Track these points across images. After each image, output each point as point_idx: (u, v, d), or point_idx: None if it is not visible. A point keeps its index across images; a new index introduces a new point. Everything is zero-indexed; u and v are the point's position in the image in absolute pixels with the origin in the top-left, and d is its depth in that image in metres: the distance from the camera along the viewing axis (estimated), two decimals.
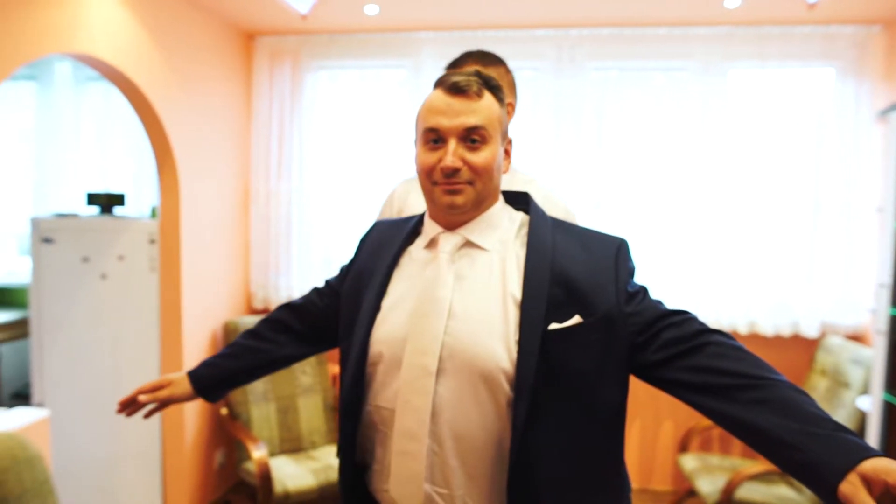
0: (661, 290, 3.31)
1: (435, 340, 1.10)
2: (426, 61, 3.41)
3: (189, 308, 3.03)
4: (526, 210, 1.24)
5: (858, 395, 2.76)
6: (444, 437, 1.09)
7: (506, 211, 1.23)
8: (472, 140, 1.14)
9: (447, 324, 1.11)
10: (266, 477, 2.74)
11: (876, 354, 2.62)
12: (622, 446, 1.19)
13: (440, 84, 1.17)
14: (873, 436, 2.59)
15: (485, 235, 1.18)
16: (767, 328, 3.26)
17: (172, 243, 2.97)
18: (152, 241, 2.98)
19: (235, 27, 3.44)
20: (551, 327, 1.07)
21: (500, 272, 1.15)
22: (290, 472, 2.91)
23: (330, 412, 3.31)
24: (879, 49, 3.13)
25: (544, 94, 3.37)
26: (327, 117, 3.59)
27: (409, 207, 1.80)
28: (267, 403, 3.18)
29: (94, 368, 3.02)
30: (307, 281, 3.59)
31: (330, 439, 3.27)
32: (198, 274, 3.10)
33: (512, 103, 1.83)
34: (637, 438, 3.49)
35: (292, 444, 3.18)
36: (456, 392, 1.09)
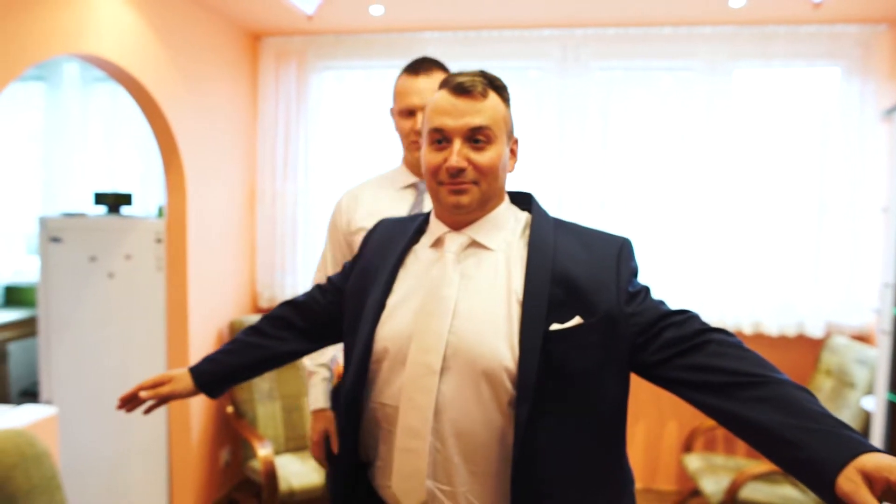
0: (667, 290, 3.31)
1: (439, 339, 1.11)
2: None
3: (195, 307, 3.05)
4: (530, 210, 1.24)
5: (863, 396, 2.76)
6: (447, 435, 1.10)
7: (511, 211, 1.23)
8: (477, 140, 1.15)
9: (452, 323, 1.11)
10: (271, 475, 2.76)
11: (881, 354, 2.61)
12: (624, 442, 1.19)
13: (445, 85, 1.18)
14: (878, 436, 2.59)
15: (490, 235, 1.19)
16: (772, 328, 3.26)
17: (179, 243, 2.99)
18: (159, 241, 3.00)
19: (242, 28, 3.46)
20: (552, 327, 1.08)
21: (506, 272, 1.15)
22: (296, 470, 2.93)
23: None
24: (885, 48, 3.12)
25: (549, 94, 3.38)
26: (333, 118, 3.61)
27: (358, 220, 1.81)
28: (272, 402, 3.19)
29: (102, 367, 3.04)
30: (312, 280, 3.61)
31: None
32: (204, 273, 3.12)
33: None
34: (641, 438, 3.49)
35: (297, 443, 3.20)
36: (459, 390, 1.10)
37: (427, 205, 1.80)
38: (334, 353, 1.91)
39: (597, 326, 1.09)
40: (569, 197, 3.36)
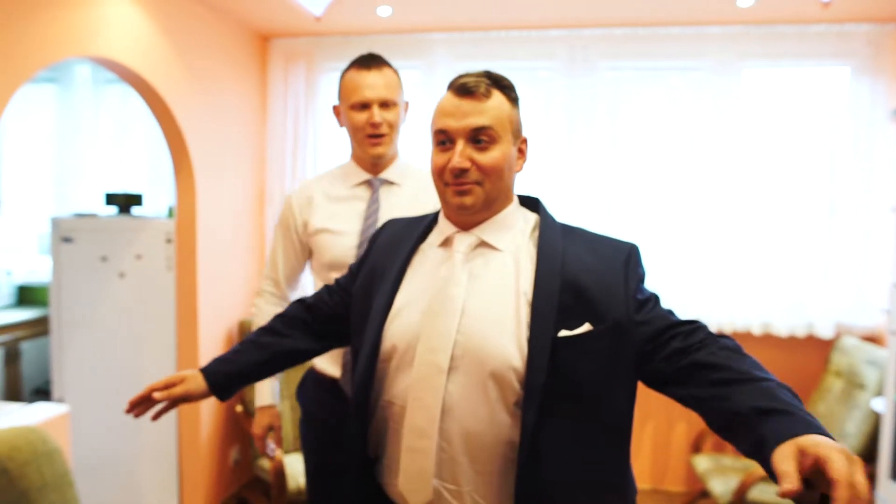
0: (676, 291, 3.31)
1: (447, 338, 1.11)
2: (439, 62, 3.43)
3: (205, 306, 3.08)
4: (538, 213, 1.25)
5: (874, 397, 2.74)
6: (454, 435, 1.10)
7: (520, 212, 1.24)
8: (480, 140, 1.15)
9: (460, 322, 1.12)
10: (280, 474, 2.77)
11: (891, 355, 2.59)
12: (628, 451, 1.20)
13: (450, 86, 1.19)
14: (887, 438, 2.57)
15: (499, 235, 1.19)
16: (782, 329, 3.24)
17: (189, 243, 3.01)
18: (169, 241, 3.03)
19: (251, 29, 3.48)
20: (561, 334, 1.09)
21: (514, 272, 1.16)
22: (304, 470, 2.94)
23: None
24: (895, 47, 3.10)
25: (557, 94, 3.38)
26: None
27: (316, 222, 1.81)
28: (281, 401, 3.20)
29: (113, 365, 3.07)
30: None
31: None
32: (214, 273, 3.15)
33: (406, 102, 1.86)
34: (650, 439, 3.48)
35: None
36: (466, 390, 1.10)
37: (384, 201, 1.80)
38: None
39: (605, 334, 1.10)
40: (577, 197, 3.35)
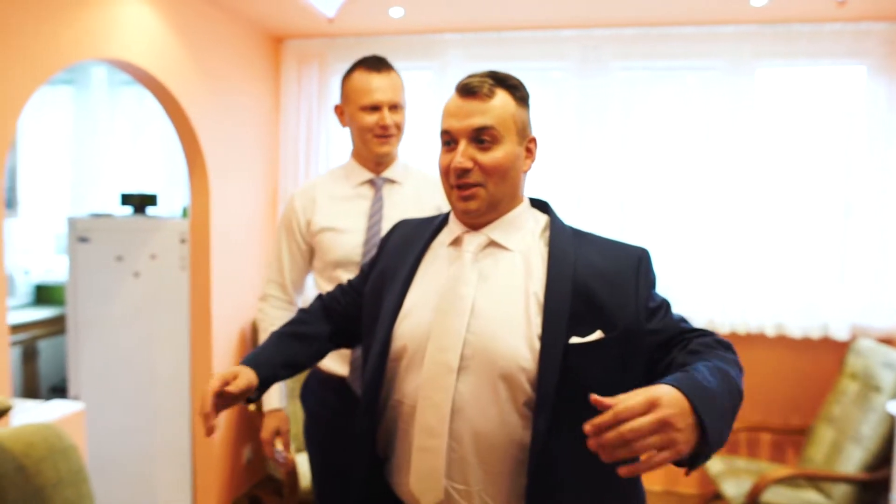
0: (689, 292, 3.29)
1: (457, 338, 1.11)
2: (451, 63, 3.44)
3: (218, 306, 3.10)
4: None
5: (890, 400, 2.71)
6: (464, 435, 1.11)
7: (531, 212, 1.24)
8: (482, 140, 1.15)
9: (469, 322, 1.12)
10: (292, 473, 2.79)
11: None
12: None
13: (456, 87, 1.20)
14: None
15: (509, 235, 1.19)
16: (796, 330, 3.21)
17: (203, 243, 3.04)
18: (183, 241, 3.06)
19: (264, 31, 3.50)
20: (572, 341, 1.09)
21: (524, 272, 1.16)
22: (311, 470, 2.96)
23: None
24: None
25: (569, 95, 3.37)
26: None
27: (319, 221, 1.82)
28: (293, 400, 3.23)
29: (128, 363, 3.10)
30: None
31: None
32: (227, 272, 3.17)
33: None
34: None
35: None
36: (476, 390, 1.11)
37: (387, 199, 1.82)
38: None
39: (616, 342, 1.10)
40: (590, 198, 3.34)
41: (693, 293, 3.28)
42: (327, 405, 1.84)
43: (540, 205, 1.27)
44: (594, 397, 0.89)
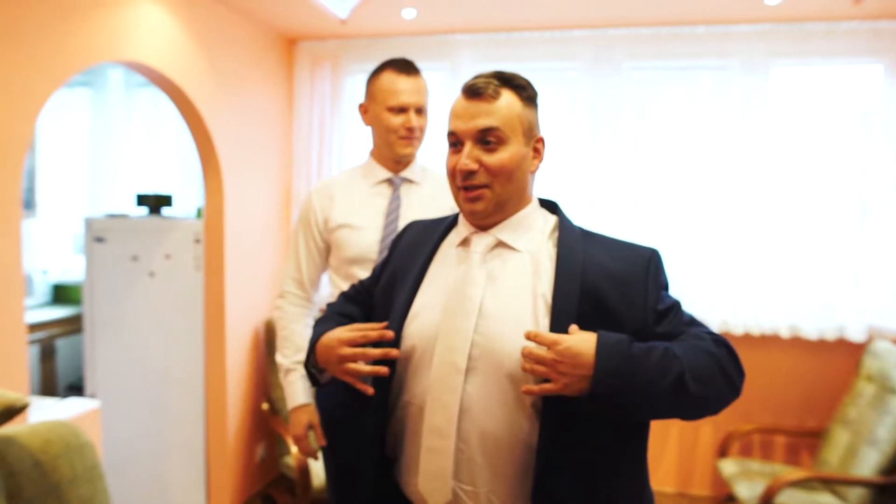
0: (702, 293, 3.26)
1: (465, 338, 1.12)
2: (464, 63, 3.44)
3: (232, 305, 3.13)
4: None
5: None
6: (472, 435, 1.11)
7: (540, 213, 1.24)
8: (488, 142, 1.15)
9: (477, 322, 1.12)
10: (305, 471, 2.80)
11: None
12: (645, 458, 1.19)
13: (462, 88, 1.20)
14: None
15: (517, 236, 1.19)
16: (811, 332, 3.18)
17: (217, 243, 3.06)
18: (197, 241, 3.09)
19: (277, 33, 3.53)
20: None
21: (532, 273, 1.16)
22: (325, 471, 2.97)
23: None
24: None
25: (582, 95, 3.36)
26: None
27: (336, 217, 1.83)
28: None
29: (143, 362, 3.14)
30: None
31: None
32: (241, 272, 3.19)
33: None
34: (676, 442, 3.45)
35: None
36: (484, 390, 1.11)
37: (404, 199, 1.83)
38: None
39: None
40: (602, 198, 3.33)
41: (707, 294, 3.26)
42: (342, 405, 1.85)
43: (549, 205, 1.27)
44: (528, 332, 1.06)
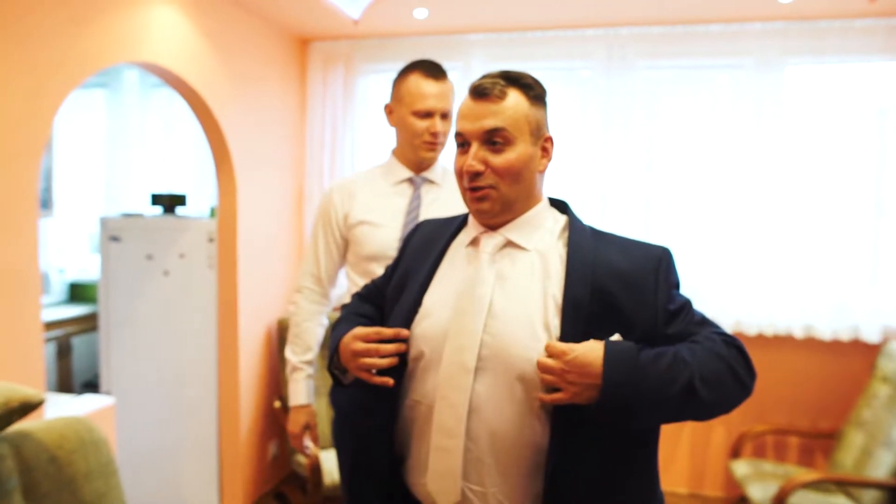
0: (716, 293, 3.24)
1: (474, 338, 1.12)
2: (476, 63, 3.44)
3: (245, 304, 3.15)
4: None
5: None
6: (480, 435, 1.11)
7: (550, 212, 1.23)
8: (495, 142, 1.15)
9: (487, 322, 1.12)
10: (316, 469, 2.82)
11: None
12: (656, 460, 1.19)
13: (469, 88, 1.20)
14: None
15: (526, 235, 1.19)
16: (825, 332, 3.15)
17: (230, 242, 3.09)
18: (211, 240, 3.11)
19: (290, 34, 3.55)
20: None
21: (542, 273, 1.15)
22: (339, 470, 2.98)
23: None
24: None
25: (594, 95, 3.35)
26: (379, 120, 3.66)
27: (356, 214, 1.85)
28: (318, 397, 3.26)
29: (157, 360, 3.17)
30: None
31: None
32: (253, 271, 3.22)
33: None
34: (688, 443, 3.43)
35: None
36: (493, 390, 1.11)
37: (425, 198, 1.84)
38: (316, 350, 1.96)
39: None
40: (616, 197, 3.32)
41: (720, 294, 3.24)
42: (358, 404, 1.86)
43: (559, 204, 1.27)
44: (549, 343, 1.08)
